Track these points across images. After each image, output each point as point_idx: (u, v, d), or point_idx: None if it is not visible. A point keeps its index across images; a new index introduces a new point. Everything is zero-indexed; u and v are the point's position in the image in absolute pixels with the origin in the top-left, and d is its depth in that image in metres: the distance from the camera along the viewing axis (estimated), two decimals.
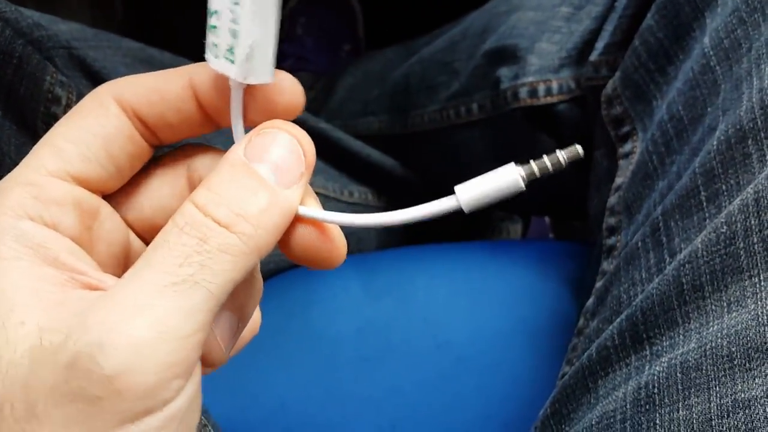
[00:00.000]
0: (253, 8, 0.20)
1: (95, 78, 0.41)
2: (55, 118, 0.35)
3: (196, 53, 0.22)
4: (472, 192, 0.22)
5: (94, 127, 0.21)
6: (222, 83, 0.21)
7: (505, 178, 0.21)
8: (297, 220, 0.22)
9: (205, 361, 0.22)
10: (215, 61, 0.21)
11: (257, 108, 0.22)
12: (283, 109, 0.22)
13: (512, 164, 0.22)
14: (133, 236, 0.23)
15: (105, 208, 0.22)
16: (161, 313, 0.18)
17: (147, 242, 0.22)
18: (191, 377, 0.19)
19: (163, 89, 0.21)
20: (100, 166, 0.21)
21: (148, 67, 0.46)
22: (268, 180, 0.20)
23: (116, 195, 0.22)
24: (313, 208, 0.22)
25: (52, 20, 0.44)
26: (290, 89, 0.22)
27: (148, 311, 0.18)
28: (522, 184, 0.22)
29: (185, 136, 0.22)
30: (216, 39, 0.20)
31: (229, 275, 0.19)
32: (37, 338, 0.18)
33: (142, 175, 0.23)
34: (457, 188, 0.22)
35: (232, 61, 0.20)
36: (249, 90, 0.21)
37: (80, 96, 0.37)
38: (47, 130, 0.37)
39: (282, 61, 0.81)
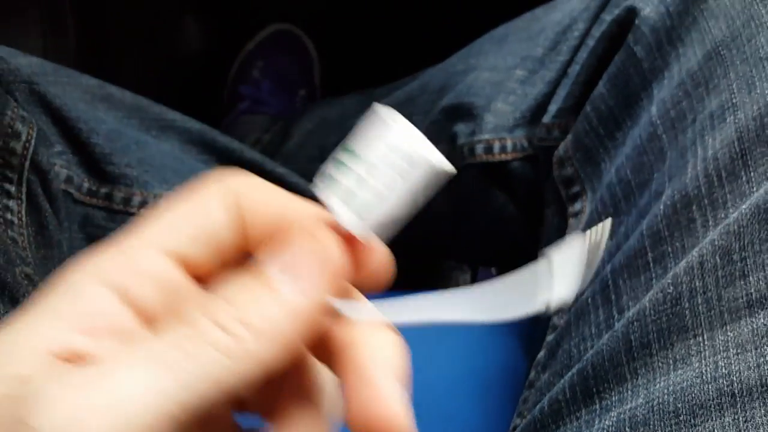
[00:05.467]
0: (414, 188, 0.19)
1: (55, 115, 0.41)
2: (14, 154, 0.34)
3: (149, 84, 0.21)
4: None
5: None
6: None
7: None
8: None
9: None
10: (335, 201, 0.19)
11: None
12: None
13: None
14: None
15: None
16: (120, 391, 0.16)
17: None
18: None
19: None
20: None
21: (107, 105, 0.46)
22: (281, 285, 0.18)
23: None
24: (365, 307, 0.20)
25: (12, 53, 0.43)
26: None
27: (110, 389, 0.16)
28: None
29: None
30: (345, 181, 0.19)
31: (215, 375, 0.17)
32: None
33: None
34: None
35: (361, 216, 0.19)
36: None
37: (40, 132, 0.37)
38: (5, 165, 0.36)
39: (238, 102, 0.81)
